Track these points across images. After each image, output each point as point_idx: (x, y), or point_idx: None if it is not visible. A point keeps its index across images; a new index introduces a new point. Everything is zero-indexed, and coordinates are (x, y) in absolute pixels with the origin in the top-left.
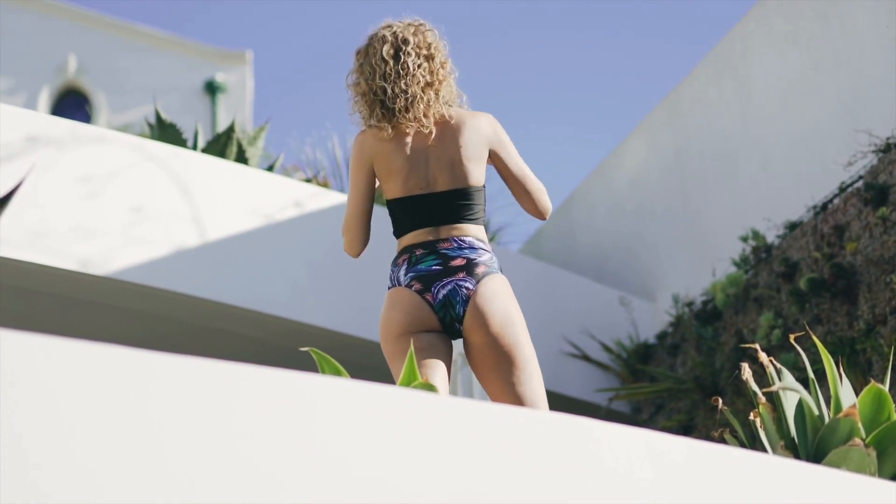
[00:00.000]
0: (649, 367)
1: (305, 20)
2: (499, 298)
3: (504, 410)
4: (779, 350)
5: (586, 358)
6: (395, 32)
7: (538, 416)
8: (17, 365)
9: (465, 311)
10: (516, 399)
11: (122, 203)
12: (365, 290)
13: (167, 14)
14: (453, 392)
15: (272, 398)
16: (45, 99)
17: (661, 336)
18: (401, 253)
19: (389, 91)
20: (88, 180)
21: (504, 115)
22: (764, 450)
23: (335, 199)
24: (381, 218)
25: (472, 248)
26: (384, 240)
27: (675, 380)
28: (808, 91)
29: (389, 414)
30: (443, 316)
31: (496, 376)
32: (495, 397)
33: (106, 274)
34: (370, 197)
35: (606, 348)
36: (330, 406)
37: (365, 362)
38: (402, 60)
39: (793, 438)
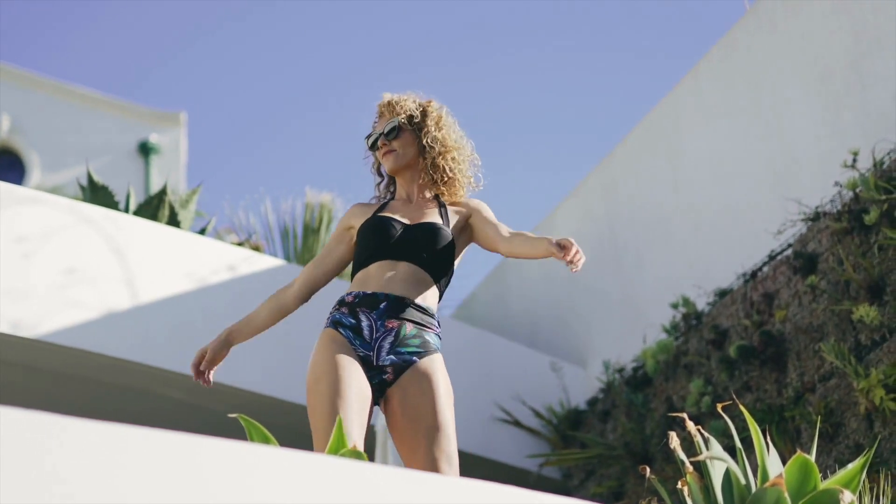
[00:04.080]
0: (580, 433)
1: (240, 83)
2: None
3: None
4: (709, 417)
5: (517, 423)
6: None
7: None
8: None
9: None
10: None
11: (55, 265)
12: (293, 354)
13: (102, 75)
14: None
15: (203, 465)
16: None
17: (592, 402)
18: None
19: None
20: (21, 241)
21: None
22: None
23: (267, 262)
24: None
25: None
26: (306, 306)
27: (606, 446)
28: (739, 160)
29: (316, 483)
30: None
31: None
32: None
33: (37, 336)
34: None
35: (538, 414)
36: (262, 475)
37: (294, 425)
38: None
39: None
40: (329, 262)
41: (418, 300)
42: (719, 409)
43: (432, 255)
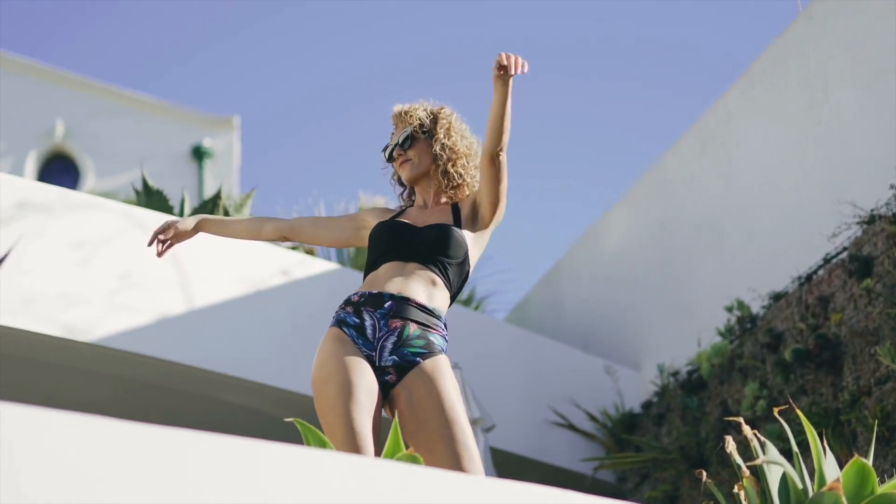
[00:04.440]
0: (634, 436)
1: (294, 86)
2: None
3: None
4: (764, 420)
5: (572, 427)
6: None
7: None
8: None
9: None
10: None
11: (110, 270)
12: None
13: (155, 79)
14: None
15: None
16: (32, 163)
17: (647, 405)
18: None
19: None
20: (76, 247)
21: None
22: None
23: (321, 266)
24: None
25: None
26: None
27: (660, 450)
28: (793, 162)
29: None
30: None
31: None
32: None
33: (92, 341)
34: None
35: (592, 417)
36: (319, 479)
37: None
38: None
39: None
40: (324, 227)
41: (424, 301)
42: (775, 413)
43: (441, 255)
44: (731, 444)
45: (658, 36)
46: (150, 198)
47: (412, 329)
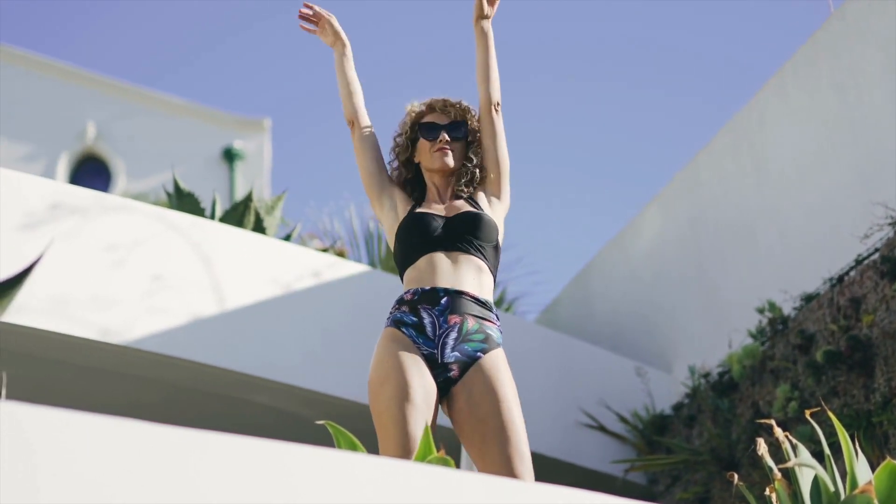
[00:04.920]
0: (665, 438)
1: (325, 88)
2: None
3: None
4: (795, 422)
5: (602, 429)
6: None
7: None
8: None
9: None
10: None
11: (143, 272)
12: None
13: (186, 81)
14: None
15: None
16: (63, 165)
17: (678, 407)
18: None
19: None
20: (110, 249)
21: (521, 184)
22: None
23: (352, 269)
24: (386, 290)
25: None
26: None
27: (692, 451)
28: (825, 163)
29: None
30: None
31: None
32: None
33: (125, 343)
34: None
35: (622, 419)
36: (350, 482)
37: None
38: None
39: None
40: (369, 152)
41: (477, 293)
42: (807, 415)
43: (481, 240)
44: (762, 447)
45: (690, 39)
46: (182, 200)
47: (471, 324)
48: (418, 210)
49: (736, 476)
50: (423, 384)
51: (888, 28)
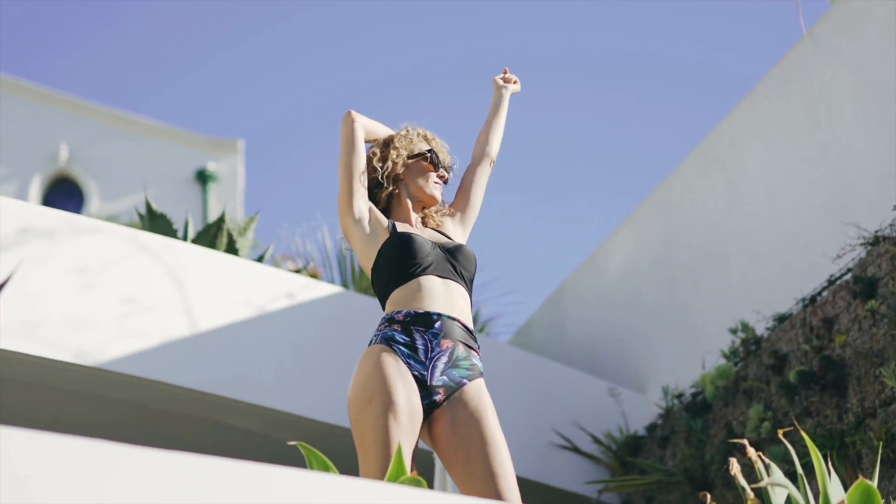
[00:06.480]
0: (639, 459)
1: (298, 110)
2: None
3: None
4: (769, 443)
5: (576, 449)
6: None
7: None
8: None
9: None
10: None
11: (115, 294)
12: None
13: (159, 103)
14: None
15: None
16: (36, 187)
17: (651, 428)
18: None
19: None
20: (82, 271)
21: (495, 206)
22: None
23: (326, 289)
24: (360, 311)
25: None
26: (363, 330)
27: (665, 472)
28: (796, 184)
29: None
30: None
31: None
32: None
33: (97, 364)
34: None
35: (596, 440)
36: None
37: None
38: None
39: None
40: (357, 189)
41: (466, 322)
42: (780, 435)
43: (471, 274)
44: (735, 467)
45: (661, 57)
46: (154, 221)
47: (461, 350)
48: (406, 231)
49: (709, 496)
50: (410, 407)
51: (859, 49)
